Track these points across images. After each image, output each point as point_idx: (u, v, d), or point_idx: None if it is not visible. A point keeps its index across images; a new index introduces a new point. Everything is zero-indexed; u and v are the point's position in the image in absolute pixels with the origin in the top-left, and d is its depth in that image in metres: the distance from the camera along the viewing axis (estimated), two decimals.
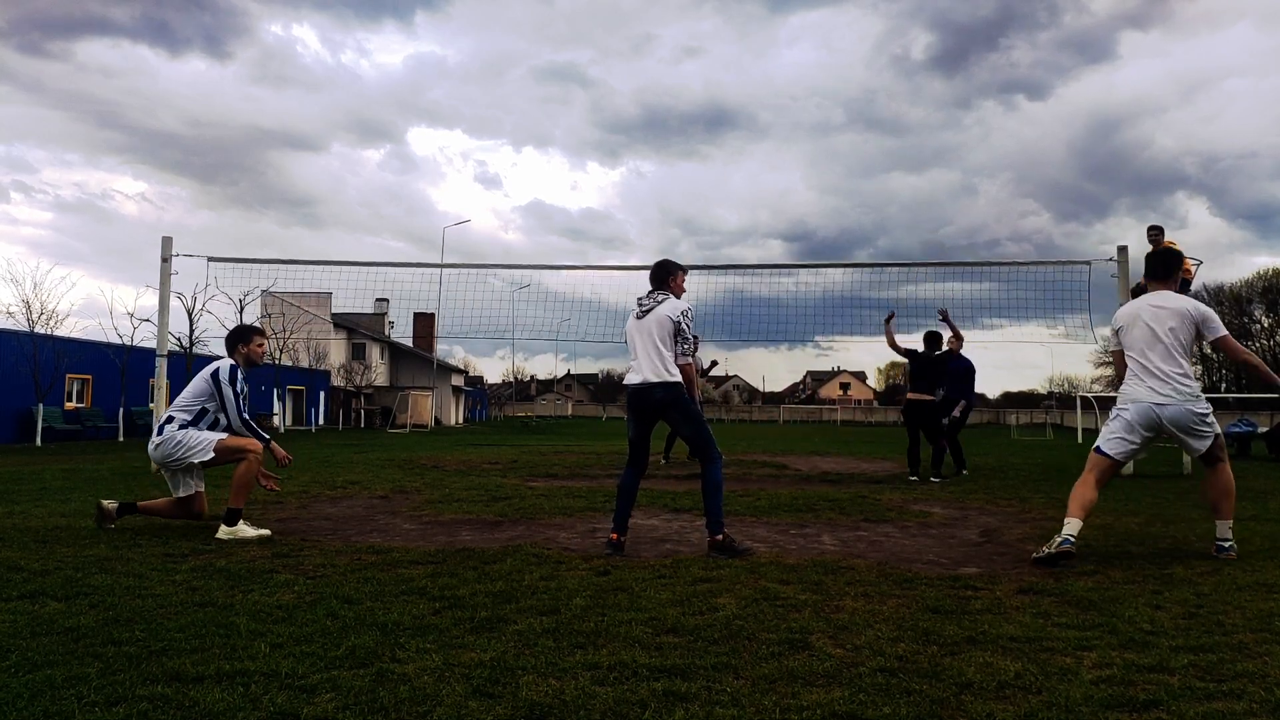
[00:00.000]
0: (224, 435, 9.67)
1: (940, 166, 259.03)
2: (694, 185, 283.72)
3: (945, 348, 17.58)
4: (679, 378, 8.42)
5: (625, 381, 8.78)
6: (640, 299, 8.79)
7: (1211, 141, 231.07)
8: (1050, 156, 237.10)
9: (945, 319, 17.16)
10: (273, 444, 9.87)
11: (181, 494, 9.68)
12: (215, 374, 9.77)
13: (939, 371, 17.28)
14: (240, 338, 10.28)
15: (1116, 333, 8.85)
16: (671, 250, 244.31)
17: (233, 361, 9.99)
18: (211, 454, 9.54)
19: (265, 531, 9.27)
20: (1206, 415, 8.32)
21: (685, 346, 8.48)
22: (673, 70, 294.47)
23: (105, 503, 9.56)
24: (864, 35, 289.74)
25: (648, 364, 8.51)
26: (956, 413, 18.23)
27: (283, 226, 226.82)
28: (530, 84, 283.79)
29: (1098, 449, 8.57)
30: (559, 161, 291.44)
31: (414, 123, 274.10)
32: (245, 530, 9.03)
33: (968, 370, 18.43)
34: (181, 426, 9.56)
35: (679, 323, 8.44)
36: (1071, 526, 7.99)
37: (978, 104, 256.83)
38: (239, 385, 9.79)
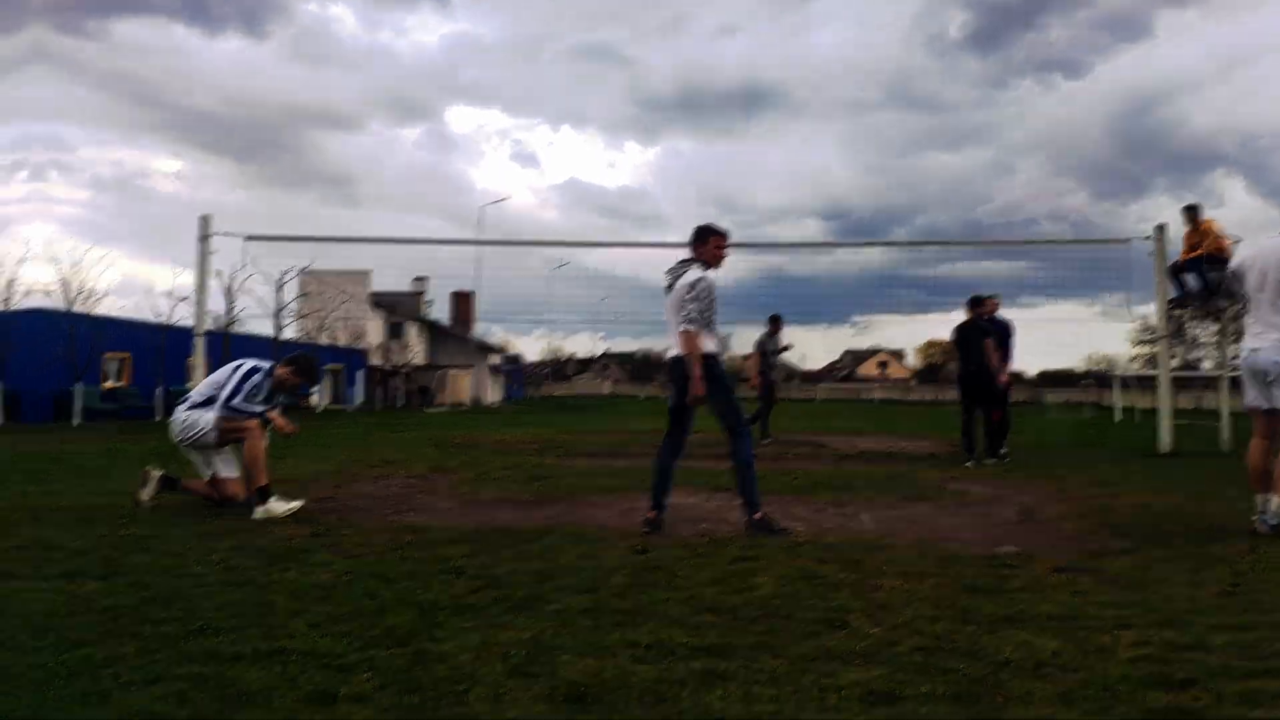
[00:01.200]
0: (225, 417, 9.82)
1: (977, 145, 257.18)
2: (731, 164, 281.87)
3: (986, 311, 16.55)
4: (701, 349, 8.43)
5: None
6: (669, 269, 8.79)
7: (1250, 119, 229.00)
8: (1087, 135, 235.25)
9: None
10: (271, 416, 10.04)
11: (209, 474, 9.87)
12: (239, 366, 9.98)
13: (979, 336, 15.95)
14: (293, 364, 10.39)
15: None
16: None
17: (264, 365, 10.14)
18: (215, 433, 9.69)
19: (297, 503, 9.40)
20: None
21: (684, 313, 8.40)
22: (709, 48, 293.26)
23: (152, 469, 9.68)
24: (900, 13, 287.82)
25: (674, 337, 8.53)
26: (1004, 378, 16.48)
27: (322, 205, 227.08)
28: (567, 62, 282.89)
29: None
30: (596, 140, 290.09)
31: (451, 101, 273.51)
32: (276, 507, 9.11)
33: (1004, 331, 16.92)
34: (190, 408, 9.71)
35: (682, 294, 8.44)
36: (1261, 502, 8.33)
37: (1014, 83, 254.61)
38: (252, 383, 9.89)
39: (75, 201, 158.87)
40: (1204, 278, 18.56)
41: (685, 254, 8.83)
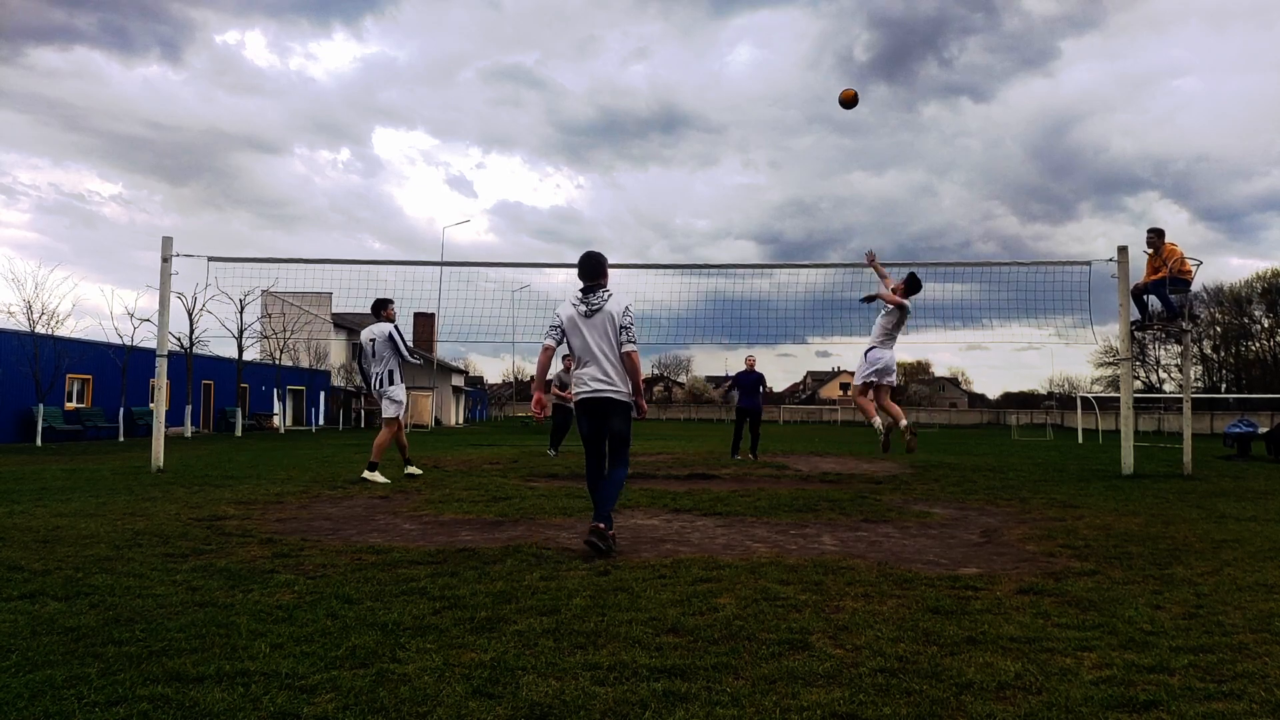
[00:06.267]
0: None
1: (900, 167, 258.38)
2: (661, 187, 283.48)
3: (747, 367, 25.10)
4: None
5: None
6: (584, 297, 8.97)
7: (1162, 144, 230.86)
8: (1009, 158, 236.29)
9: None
10: None
11: None
12: None
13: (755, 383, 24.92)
14: None
15: None
16: (645, 253, 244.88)
17: None
18: None
19: None
20: None
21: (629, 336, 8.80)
22: (621, 71, 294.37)
23: None
24: (805, 33, 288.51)
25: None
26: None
27: (256, 228, 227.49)
28: (482, 84, 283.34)
29: None
30: (525, 163, 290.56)
31: (374, 124, 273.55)
32: None
33: (755, 380, 24.95)
34: None
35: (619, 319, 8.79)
36: None
37: (922, 106, 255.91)
38: None
39: (17, 224, 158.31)
40: (1167, 300, 18.68)
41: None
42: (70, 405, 39.79)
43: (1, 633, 5.30)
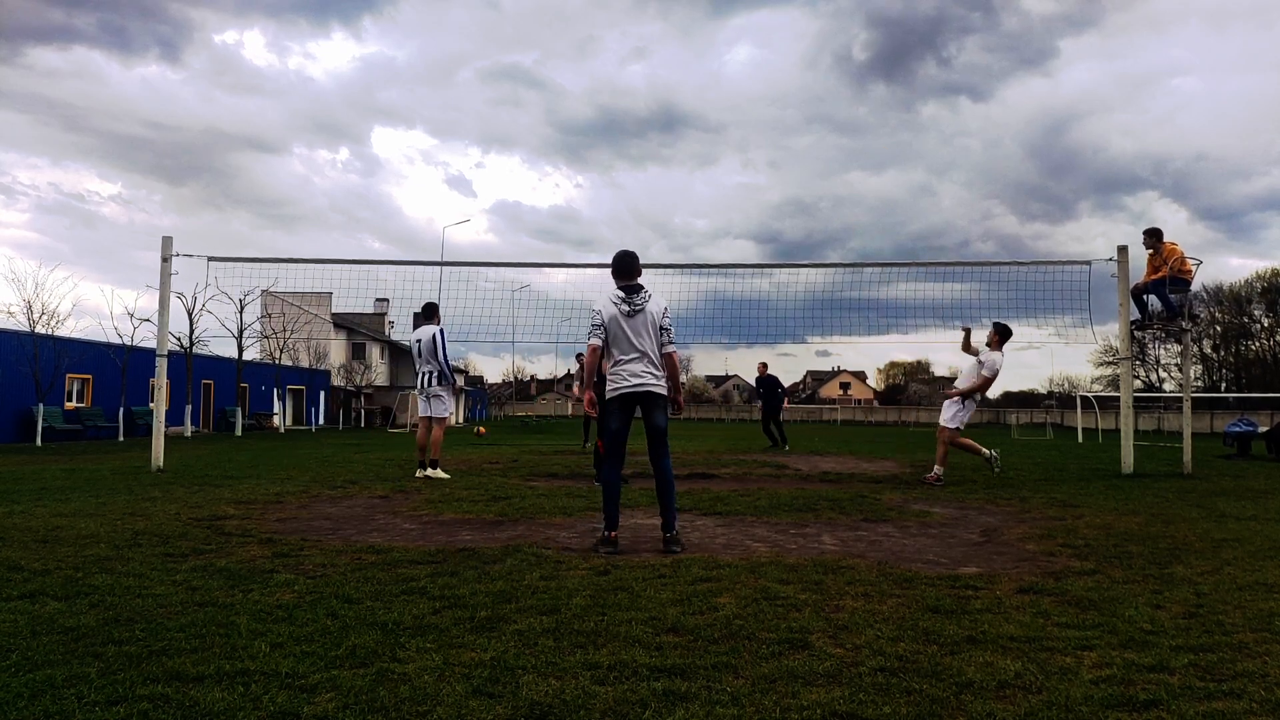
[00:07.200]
0: None
1: (899, 167, 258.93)
2: (660, 186, 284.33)
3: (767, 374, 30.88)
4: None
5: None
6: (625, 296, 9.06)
7: (1161, 143, 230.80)
8: (1008, 158, 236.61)
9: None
10: None
11: None
12: None
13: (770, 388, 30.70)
14: None
15: None
16: (645, 252, 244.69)
17: None
18: None
19: None
20: None
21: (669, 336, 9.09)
22: (620, 71, 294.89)
23: None
24: (803, 33, 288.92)
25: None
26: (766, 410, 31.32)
27: (255, 228, 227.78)
28: (481, 84, 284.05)
29: None
30: (524, 163, 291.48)
31: (373, 123, 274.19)
32: None
33: (770, 385, 30.73)
34: None
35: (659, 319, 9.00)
36: None
37: (920, 106, 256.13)
38: None
39: (16, 224, 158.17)
40: (1166, 300, 18.65)
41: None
42: (70, 405, 39.83)
43: (1, 633, 5.30)
